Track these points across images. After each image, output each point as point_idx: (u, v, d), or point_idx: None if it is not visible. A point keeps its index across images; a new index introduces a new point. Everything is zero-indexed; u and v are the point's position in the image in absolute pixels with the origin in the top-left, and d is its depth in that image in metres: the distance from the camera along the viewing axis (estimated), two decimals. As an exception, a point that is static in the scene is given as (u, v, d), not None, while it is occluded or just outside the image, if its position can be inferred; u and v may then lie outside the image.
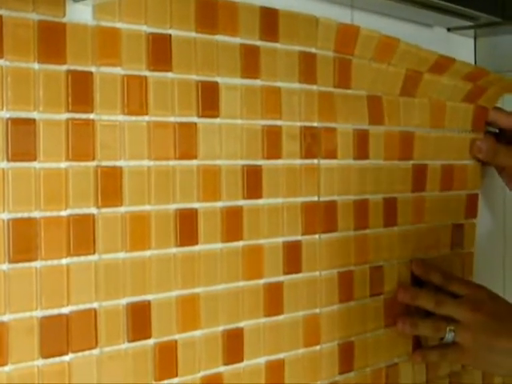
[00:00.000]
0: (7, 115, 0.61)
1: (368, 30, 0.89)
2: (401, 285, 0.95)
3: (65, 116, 0.65)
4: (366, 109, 0.91)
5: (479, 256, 1.11)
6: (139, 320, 0.69)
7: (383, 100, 0.94)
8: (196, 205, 0.74)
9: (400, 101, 0.96)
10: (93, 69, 0.67)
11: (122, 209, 0.69)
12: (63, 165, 0.65)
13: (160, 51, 0.71)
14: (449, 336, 0.94)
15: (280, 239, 0.82)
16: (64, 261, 0.65)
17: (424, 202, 1.01)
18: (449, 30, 1.07)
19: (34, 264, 0.63)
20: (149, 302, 0.70)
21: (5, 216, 0.61)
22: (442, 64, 0.99)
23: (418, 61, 0.96)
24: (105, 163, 0.67)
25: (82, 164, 0.66)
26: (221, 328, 0.76)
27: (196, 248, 0.74)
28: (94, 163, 0.67)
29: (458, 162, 1.06)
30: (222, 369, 0.76)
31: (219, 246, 0.76)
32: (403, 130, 0.97)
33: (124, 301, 0.69)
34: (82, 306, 0.66)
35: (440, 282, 0.96)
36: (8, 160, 0.61)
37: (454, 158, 1.05)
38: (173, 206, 0.72)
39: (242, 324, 0.78)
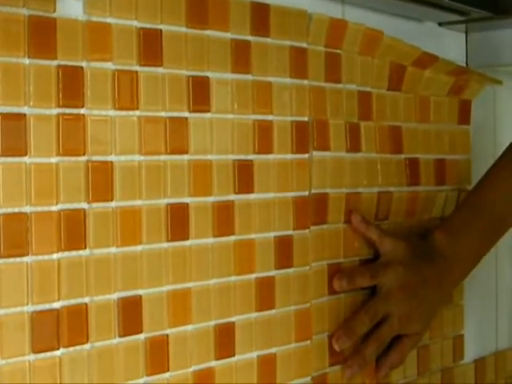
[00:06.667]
0: (-3, 110, 0.61)
1: (354, 23, 0.90)
2: (334, 275, 0.89)
3: (55, 111, 0.65)
4: (357, 103, 0.92)
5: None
6: (130, 315, 0.70)
7: (373, 95, 0.94)
8: (187, 199, 0.74)
9: (387, 95, 0.96)
10: (83, 64, 0.67)
11: (113, 204, 0.69)
12: (54, 160, 0.65)
13: (151, 46, 0.71)
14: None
15: (271, 234, 0.82)
16: (55, 256, 0.65)
17: (416, 196, 1.01)
18: (440, 24, 1.07)
19: (24, 259, 0.63)
20: (140, 297, 0.70)
21: (-5, 211, 0.61)
22: (425, 60, 0.99)
23: (401, 54, 0.96)
24: (95, 158, 0.67)
25: (73, 159, 0.66)
26: (212, 323, 0.76)
27: (187, 243, 0.74)
28: (84, 158, 0.67)
29: (449, 156, 1.06)
30: (213, 363, 0.76)
31: (210, 240, 0.76)
32: (391, 125, 0.97)
33: (115, 296, 0.69)
34: (73, 301, 0.66)
35: (376, 237, 0.93)
36: (-2, 155, 0.61)
37: (444, 153, 1.05)
38: (164, 201, 0.72)
39: (233, 319, 0.78)
